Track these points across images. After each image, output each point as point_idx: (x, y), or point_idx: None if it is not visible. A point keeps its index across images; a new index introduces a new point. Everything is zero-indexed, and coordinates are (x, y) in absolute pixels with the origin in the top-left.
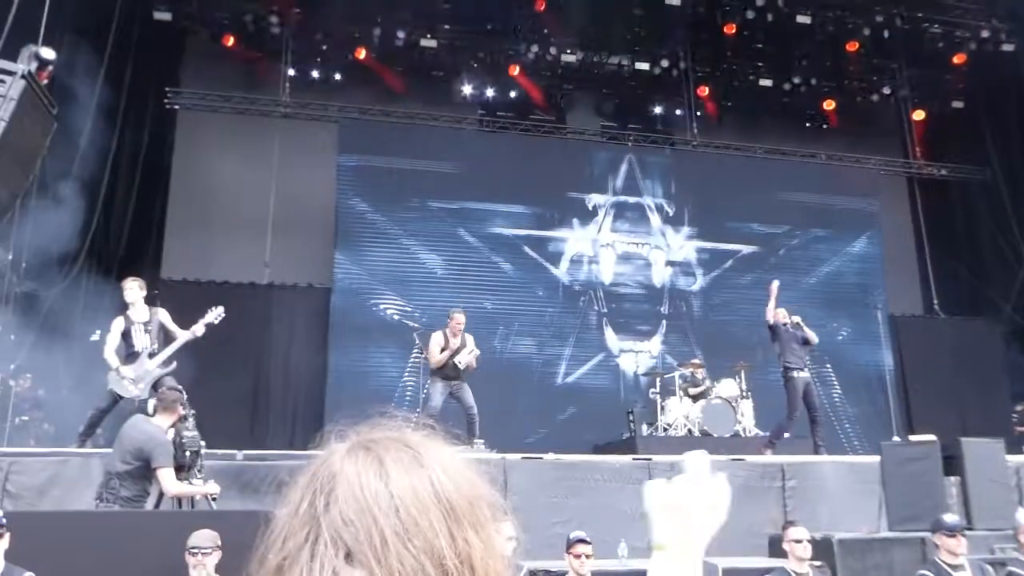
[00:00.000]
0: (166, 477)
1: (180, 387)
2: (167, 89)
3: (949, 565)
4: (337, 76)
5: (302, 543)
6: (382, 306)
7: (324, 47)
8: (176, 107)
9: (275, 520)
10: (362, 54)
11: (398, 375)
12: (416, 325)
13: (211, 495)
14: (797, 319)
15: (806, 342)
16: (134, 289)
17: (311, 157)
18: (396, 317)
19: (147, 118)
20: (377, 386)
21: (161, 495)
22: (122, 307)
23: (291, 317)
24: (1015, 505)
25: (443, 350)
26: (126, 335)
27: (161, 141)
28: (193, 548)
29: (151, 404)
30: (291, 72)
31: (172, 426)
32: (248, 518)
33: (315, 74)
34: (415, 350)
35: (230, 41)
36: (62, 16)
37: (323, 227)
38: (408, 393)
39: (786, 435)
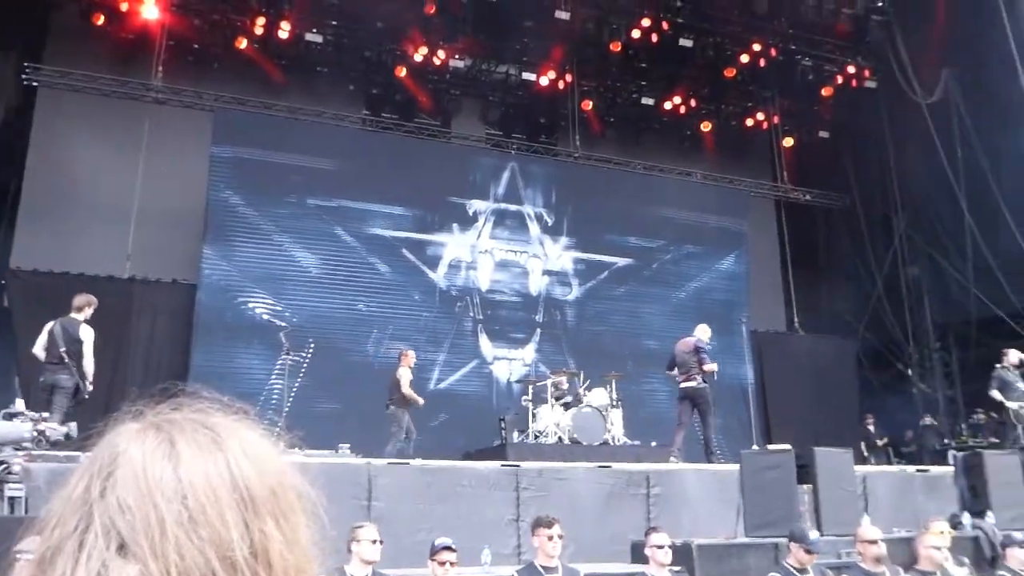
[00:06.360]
0: None
1: None
2: (26, 64)
3: (796, 570)
4: (215, 65)
5: (71, 532)
6: (251, 305)
7: (203, 33)
8: (35, 84)
9: (49, 506)
10: (243, 44)
11: (265, 377)
12: (284, 324)
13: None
14: None
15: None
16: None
17: (183, 146)
18: (266, 317)
19: (3, 93)
20: (242, 388)
21: None
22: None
23: (153, 313)
24: (861, 512)
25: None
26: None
27: (18, 119)
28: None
29: None
30: (165, 56)
31: None
32: None
33: (191, 60)
34: (283, 352)
35: (100, 19)
36: None
37: (192, 220)
38: (274, 396)
39: None
